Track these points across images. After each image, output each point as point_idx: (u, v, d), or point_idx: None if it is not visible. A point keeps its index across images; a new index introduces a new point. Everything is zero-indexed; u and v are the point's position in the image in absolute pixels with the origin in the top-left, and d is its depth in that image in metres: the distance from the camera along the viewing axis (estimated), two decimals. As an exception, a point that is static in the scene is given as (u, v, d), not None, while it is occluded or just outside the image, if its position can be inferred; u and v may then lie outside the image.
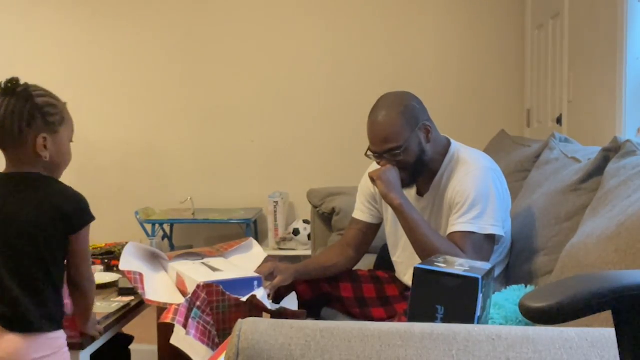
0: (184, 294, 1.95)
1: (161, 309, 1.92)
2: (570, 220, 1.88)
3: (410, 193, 2.10)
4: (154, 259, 2.19)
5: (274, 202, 4.00)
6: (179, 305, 1.75)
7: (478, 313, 1.36)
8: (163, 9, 4.29)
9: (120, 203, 4.24)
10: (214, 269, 2.03)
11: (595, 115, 2.81)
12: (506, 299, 1.62)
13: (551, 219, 1.96)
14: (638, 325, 0.80)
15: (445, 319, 1.36)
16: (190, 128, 4.34)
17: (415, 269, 1.42)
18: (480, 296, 1.35)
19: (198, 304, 1.77)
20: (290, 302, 2.01)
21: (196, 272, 1.98)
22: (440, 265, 1.42)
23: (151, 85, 4.33)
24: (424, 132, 2.00)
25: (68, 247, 1.69)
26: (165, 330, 1.83)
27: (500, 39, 4.15)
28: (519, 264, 2.04)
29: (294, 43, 4.26)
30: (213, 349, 1.71)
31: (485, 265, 1.46)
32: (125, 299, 2.10)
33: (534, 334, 0.97)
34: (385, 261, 2.35)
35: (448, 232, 1.96)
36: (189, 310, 1.75)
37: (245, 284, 1.91)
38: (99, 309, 1.96)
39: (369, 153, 2.06)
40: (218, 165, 4.31)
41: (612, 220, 1.49)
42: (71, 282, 1.73)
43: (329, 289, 2.21)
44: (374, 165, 2.13)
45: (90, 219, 1.71)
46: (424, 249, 1.88)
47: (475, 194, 1.93)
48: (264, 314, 1.86)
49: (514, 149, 2.88)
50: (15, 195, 1.67)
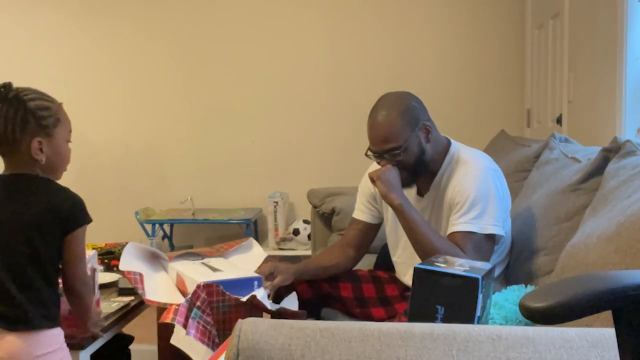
0: (184, 294, 1.95)
1: (161, 309, 1.93)
2: (570, 220, 1.88)
3: (410, 193, 2.10)
4: (154, 259, 2.19)
5: (274, 202, 4.00)
6: (179, 305, 1.75)
7: (478, 313, 1.36)
8: (163, 9, 4.29)
9: (120, 203, 4.24)
10: (214, 269, 2.03)
11: (595, 115, 2.81)
12: (506, 299, 1.62)
13: (551, 219, 1.96)
14: (638, 325, 0.80)
15: (445, 319, 1.36)
16: (190, 128, 4.34)
17: (415, 269, 1.42)
18: (480, 296, 1.35)
19: (198, 304, 1.77)
20: (290, 302, 2.00)
21: (196, 272, 1.98)
22: (440, 265, 1.42)
23: (151, 85, 4.33)
24: (423, 132, 2.00)
25: (63, 249, 1.68)
26: (165, 330, 1.83)
27: (500, 39, 4.15)
28: (519, 264, 2.04)
29: (294, 43, 4.26)
30: (213, 349, 1.71)
31: (485, 265, 1.46)
32: (125, 299, 2.11)
33: (534, 334, 0.97)
34: (385, 261, 2.35)
35: (448, 232, 1.96)
36: (189, 310, 1.75)
37: (245, 284, 1.91)
38: (99, 309, 1.96)
39: (369, 153, 2.06)
40: (218, 165, 4.31)
41: (612, 220, 1.49)
42: (66, 286, 1.72)
43: (329, 289, 2.21)
44: (374, 165, 2.13)
45: (87, 220, 1.70)
46: (424, 249, 1.88)
47: (476, 194, 1.93)
48: (264, 314, 1.86)
49: (514, 149, 2.88)
50: (12, 196, 1.68)
